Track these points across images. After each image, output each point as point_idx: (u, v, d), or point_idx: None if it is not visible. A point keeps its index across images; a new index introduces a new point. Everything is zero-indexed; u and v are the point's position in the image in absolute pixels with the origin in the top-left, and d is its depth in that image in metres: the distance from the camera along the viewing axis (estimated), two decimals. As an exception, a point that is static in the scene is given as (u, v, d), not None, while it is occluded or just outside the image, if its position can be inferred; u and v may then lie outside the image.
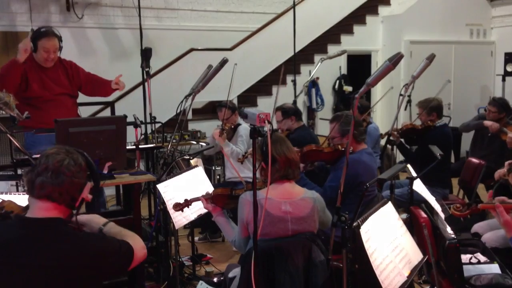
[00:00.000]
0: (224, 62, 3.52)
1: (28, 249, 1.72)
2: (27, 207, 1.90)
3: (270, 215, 2.40)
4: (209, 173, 5.66)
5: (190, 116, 6.92)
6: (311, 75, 6.45)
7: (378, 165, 4.47)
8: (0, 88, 3.72)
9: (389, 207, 2.39)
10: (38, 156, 1.79)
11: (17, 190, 3.29)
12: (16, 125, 3.01)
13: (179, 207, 2.88)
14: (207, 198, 2.79)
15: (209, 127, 6.95)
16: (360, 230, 2.10)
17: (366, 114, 5.06)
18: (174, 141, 4.21)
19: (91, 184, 1.93)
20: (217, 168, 5.90)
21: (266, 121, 1.95)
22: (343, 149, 3.31)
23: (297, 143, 4.20)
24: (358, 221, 2.14)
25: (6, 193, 2.66)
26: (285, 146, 2.53)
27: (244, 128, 4.58)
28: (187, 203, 2.88)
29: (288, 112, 4.44)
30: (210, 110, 7.73)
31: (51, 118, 3.19)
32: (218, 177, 6.00)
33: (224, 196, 2.78)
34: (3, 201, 2.01)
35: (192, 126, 6.94)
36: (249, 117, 2.08)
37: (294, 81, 6.09)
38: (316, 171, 3.71)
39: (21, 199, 2.41)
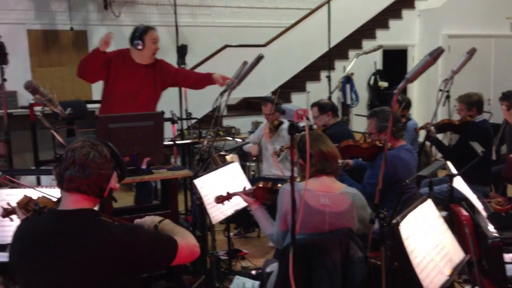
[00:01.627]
0: (260, 58, 3.53)
1: (61, 241, 1.76)
2: (59, 200, 1.94)
3: (308, 207, 2.40)
4: (243, 169, 5.66)
5: (224, 112, 6.96)
6: (346, 71, 6.38)
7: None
8: (78, 72, 3.89)
9: (429, 204, 2.35)
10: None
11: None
12: (59, 121, 3.10)
13: (220, 199, 2.91)
14: (248, 192, 2.81)
15: (244, 123, 6.99)
16: (400, 227, 2.07)
17: (406, 109, 4.97)
18: (209, 137, 4.25)
19: (118, 173, 1.96)
20: (251, 164, 5.92)
21: (304, 117, 1.94)
22: (380, 145, 3.27)
23: (333, 139, 4.15)
24: (398, 218, 2.11)
25: (48, 187, 2.75)
26: (321, 141, 2.53)
27: (286, 128, 4.57)
28: (229, 196, 2.90)
29: (325, 107, 4.40)
30: (244, 106, 7.76)
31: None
32: (252, 173, 6.02)
33: (265, 189, 2.79)
34: (38, 197, 2.07)
35: (226, 122, 6.98)
36: (287, 113, 2.06)
37: (328, 77, 6.05)
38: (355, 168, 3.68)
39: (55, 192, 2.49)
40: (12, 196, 2.64)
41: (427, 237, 2.17)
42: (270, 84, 7.45)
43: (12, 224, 2.37)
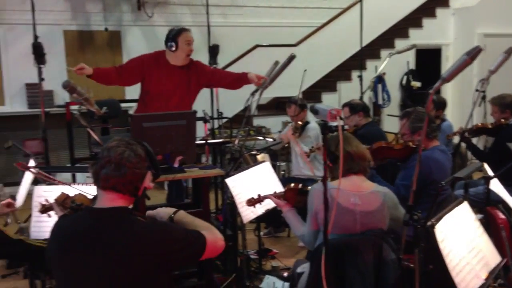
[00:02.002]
0: (291, 58, 3.52)
1: (96, 238, 1.80)
2: (95, 198, 1.98)
3: (338, 206, 2.37)
4: (274, 168, 5.66)
5: (255, 112, 6.97)
6: (378, 71, 6.30)
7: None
8: None
9: (464, 207, 2.30)
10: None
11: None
12: (94, 120, 3.17)
13: (252, 202, 2.92)
14: (279, 195, 2.81)
15: (274, 123, 6.99)
16: (435, 229, 2.04)
17: (441, 110, 4.88)
18: (240, 136, 4.27)
19: (152, 173, 1.98)
20: (281, 164, 5.92)
21: (338, 117, 1.93)
22: (413, 146, 3.22)
23: (365, 139, 4.11)
24: (433, 220, 2.08)
25: (84, 184, 2.82)
26: (345, 142, 2.49)
27: (313, 128, 4.56)
28: (260, 199, 2.91)
29: (356, 107, 4.37)
30: (274, 106, 7.76)
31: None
32: (283, 172, 6.02)
33: (296, 190, 2.78)
34: (75, 194, 2.12)
35: (257, 122, 7.00)
36: (320, 113, 2.05)
37: (360, 77, 5.98)
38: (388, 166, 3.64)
39: (92, 189, 2.55)
40: (49, 192, 2.72)
41: (463, 240, 2.13)
42: (300, 84, 7.41)
43: (49, 220, 2.45)
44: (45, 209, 2.24)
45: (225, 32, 7.50)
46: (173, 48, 3.96)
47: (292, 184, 2.83)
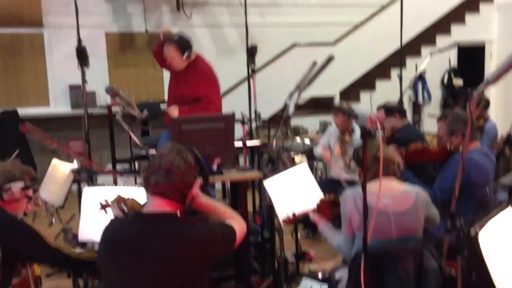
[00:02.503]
0: (330, 59, 3.49)
1: (143, 242, 1.87)
2: (145, 204, 2.05)
3: (371, 209, 2.31)
4: (311, 169, 5.63)
5: (291, 108, 6.94)
6: (419, 70, 6.15)
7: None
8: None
9: (509, 212, 2.23)
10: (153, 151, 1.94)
11: (135, 183, 3.53)
12: (136, 123, 3.23)
13: (288, 221, 2.97)
14: (314, 207, 2.83)
15: (311, 123, 6.95)
16: (478, 237, 1.99)
17: (484, 109, 4.73)
18: (278, 136, 4.24)
19: (201, 181, 2.05)
20: (318, 163, 5.88)
21: (378, 123, 1.91)
22: (451, 148, 3.14)
23: (404, 142, 4.03)
24: (476, 227, 2.02)
25: (124, 185, 2.89)
26: (373, 146, 2.51)
27: (357, 138, 4.49)
28: (296, 217, 2.94)
29: (391, 109, 4.27)
30: (312, 105, 7.72)
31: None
32: (320, 173, 5.98)
33: (329, 202, 2.80)
34: (128, 198, 2.19)
35: (294, 122, 6.96)
36: (360, 118, 2.04)
37: (400, 76, 5.85)
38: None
39: (137, 192, 2.63)
40: (98, 193, 2.81)
41: (508, 248, 2.06)
42: (338, 83, 7.36)
43: (96, 221, 2.54)
44: (103, 206, 2.37)
45: (263, 31, 7.49)
46: None
47: (325, 196, 2.86)
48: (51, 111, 6.74)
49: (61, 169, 3.57)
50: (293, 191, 3.21)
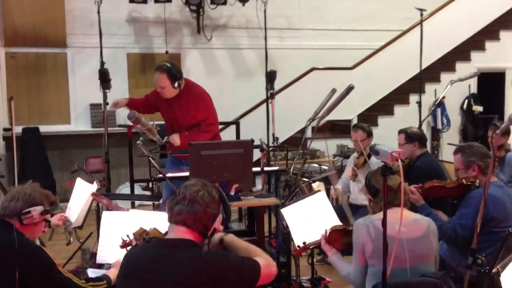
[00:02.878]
0: (350, 89, 3.52)
1: (160, 266, 1.89)
2: (166, 233, 2.10)
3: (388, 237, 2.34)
4: (327, 192, 5.60)
5: (309, 134, 6.96)
6: (439, 98, 6.12)
7: None
8: None
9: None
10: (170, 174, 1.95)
11: (153, 207, 3.55)
12: (157, 148, 3.27)
13: (299, 251, 2.96)
14: (325, 236, 2.82)
15: (329, 146, 6.93)
16: (500, 278, 1.96)
17: (506, 136, 4.67)
18: (296, 159, 4.23)
19: (223, 217, 2.07)
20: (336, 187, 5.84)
21: (399, 160, 1.91)
22: (468, 183, 3.09)
23: (423, 171, 4.00)
24: (498, 267, 2.00)
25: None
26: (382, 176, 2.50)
27: (376, 163, 4.47)
28: (306, 246, 2.94)
29: (412, 137, 4.22)
30: (330, 128, 7.72)
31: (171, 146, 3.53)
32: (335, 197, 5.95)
33: (340, 231, 2.79)
34: (150, 229, 2.22)
35: (311, 145, 6.96)
36: (381, 154, 2.04)
37: (419, 103, 5.84)
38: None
39: (156, 217, 2.65)
40: (117, 218, 2.83)
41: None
42: (356, 107, 7.36)
43: (115, 246, 2.55)
44: (125, 244, 2.37)
45: (282, 55, 7.56)
46: None
47: (337, 226, 2.84)
48: (72, 129, 6.85)
49: (83, 190, 3.61)
50: (310, 219, 3.20)
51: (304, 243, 2.90)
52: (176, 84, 3.98)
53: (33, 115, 6.71)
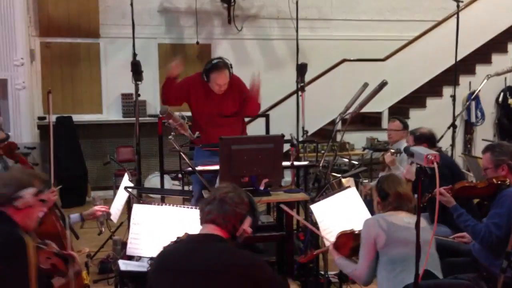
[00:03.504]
0: (383, 84, 3.47)
1: (192, 258, 1.95)
2: None
3: (394, 225, 2.55)
4: (356, 185, 5.56)
5: (339, 126, 6.89)
6: (475, 92, 5.96)
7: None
8: (163, 100, 4.23)
9: None
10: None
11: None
12: (189, 143, 3.29)
13: (308, 257, 3.05)
14: (333, 243, 2.87)
15: (358, 139, 6.86)
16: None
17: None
18: (325, 153, 4.20)
19: (251, 220, 2.12)
20: (364, 181, 5.79)
21: (435, 163, 1.87)
22: (498, 182, 3.02)
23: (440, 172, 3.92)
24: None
25: (175, 205, 2.92)
26: (397, 183, 2.70)
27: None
28: (313, 254, 3.07)
29: (420, 138, 4.14)
30: (359, 120, 7.63)
31: (212, 138, 3.59)
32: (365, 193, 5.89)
33: (349, 235, 2.79)
34: (184, 233, 2.25)
35: (340, 137, 6.90)
36: (416, 157, 2.00)
37: (453, 97, 5.69)
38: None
39: (186, 212, 2.68)
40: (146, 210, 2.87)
41: None
42: (387, 99, 7.24)
43: (145, 238, 2.59)
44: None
45: (313, 45, 7.47)
46: (205, 79, 4.11)
47: (345, 230, 2.86)
48: (103, 118, 6.96)
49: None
50: (341, 215, 3.18)
51: (311, 249, 3.03)
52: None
53: (67, 104, 6.84)
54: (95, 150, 6.92)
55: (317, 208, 3.16)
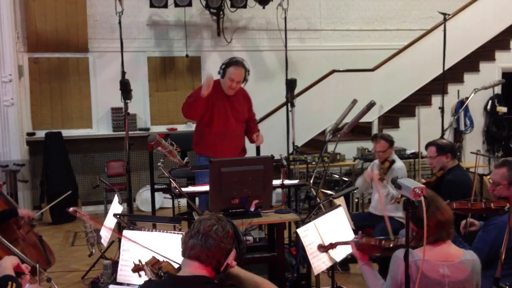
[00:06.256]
0: (371, 105, 3.49)
1: None
2: (179, 268, 2.08)
3: (426, 278, 2.27)
4: (347, 201, 5.56)
5: (328, 137, 6.91)
6: (464, 105, 6.02)
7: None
8: (186, 116, 4.29)
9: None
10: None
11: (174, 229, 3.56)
12: (177, 168, 3.29)
13: (323, 249, 2.91)
14: (356, 243, 2.75)
15: (349, 149, 6.88)
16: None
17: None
18: (318, 166, 4.22)
19: (237, 251, 2.05)
20: (356, 198, 5.83)
21: (422, 197, 1.87)
22: (495, 208, 2.97)
23: (454, 185, 3.93)
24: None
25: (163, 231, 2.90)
26: (435, 207, 2.33)
27: (400, 168, 4.43)
28: (332, 246, 2.91)
29: (444, 148, 4.11)
30: (350, 131, 7.63)
31: (220, 147, 3.91)
32: (356, 200, 5.92)
33: (371, 246, 2.73)
34: (162, 261, 2.22)
35: (331, 147, 6.92)
36: (403, 189, 2.00)
37: (441, 108, 5.73)
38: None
39: (175, 238, 2.67)
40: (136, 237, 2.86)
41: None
42: (377, 109, 7.26)
43: (132, 265, 2.57)
44: (137, 269, 2.37)
45: (302, 56, 7.52)
46: (220, 75, 4.23)
47: (365, 239, 2.74)
48: (93, 132, 6.93)
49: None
50: (326, 235, 3.16)
51: (330, 243, 2.91)
52: (244, 83, 4.32)
53: (56, 120, 6.81)
54: (85, 164, 6.90)
55: (304, 232, 3.11)
